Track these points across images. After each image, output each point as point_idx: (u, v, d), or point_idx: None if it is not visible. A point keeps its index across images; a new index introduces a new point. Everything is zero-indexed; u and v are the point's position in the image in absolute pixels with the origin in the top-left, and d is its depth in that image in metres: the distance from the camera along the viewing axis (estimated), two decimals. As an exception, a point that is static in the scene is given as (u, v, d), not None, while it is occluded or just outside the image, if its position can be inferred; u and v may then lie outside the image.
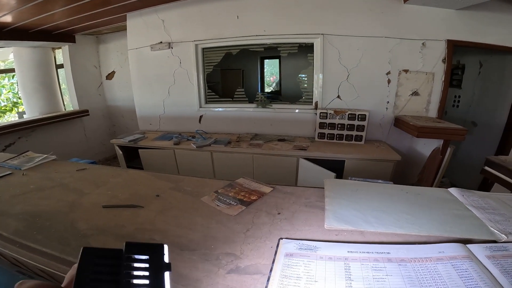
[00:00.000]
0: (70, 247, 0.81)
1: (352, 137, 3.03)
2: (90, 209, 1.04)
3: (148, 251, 0.35)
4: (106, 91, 4.89)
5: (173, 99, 3.76)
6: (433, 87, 2.93)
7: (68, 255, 0.77)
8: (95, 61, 4.70)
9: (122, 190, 1.18)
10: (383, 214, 0.85)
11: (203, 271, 0.69)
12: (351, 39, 2.98)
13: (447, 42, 2.80)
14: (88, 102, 4.54)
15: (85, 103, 4.49)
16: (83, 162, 1.86)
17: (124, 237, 0.84)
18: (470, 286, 0.55)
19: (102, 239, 0.85)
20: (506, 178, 1.42)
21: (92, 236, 0.87)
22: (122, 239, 0.84)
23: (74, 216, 0.98)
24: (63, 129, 4.22)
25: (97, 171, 1.46)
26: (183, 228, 0.88)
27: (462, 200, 0.95)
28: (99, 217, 0.98)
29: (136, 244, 0.35)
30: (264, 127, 3.52)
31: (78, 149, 4.43)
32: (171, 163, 3.23)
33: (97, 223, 0.94)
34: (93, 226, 0.92)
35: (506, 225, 0.78)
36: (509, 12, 2.66)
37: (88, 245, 0.82)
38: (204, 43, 3.48)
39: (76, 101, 4.42)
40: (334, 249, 0.72)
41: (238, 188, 1.15)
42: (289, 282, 0.62)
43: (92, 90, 4.69)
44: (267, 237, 0.82)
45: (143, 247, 0.35)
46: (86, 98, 4.51)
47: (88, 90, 4.57)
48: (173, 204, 1.05)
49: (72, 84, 4.33)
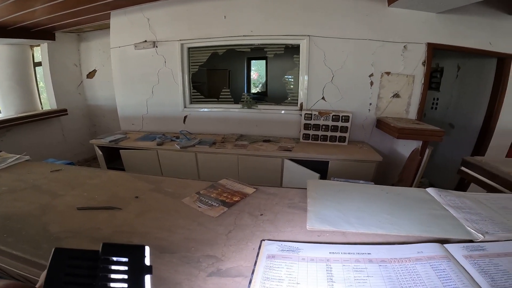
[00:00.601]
0: (42, 250, 0.77)
1: (336, 138, 3.07)
2: (63, 211, 0.99)
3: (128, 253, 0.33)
4: (87, 90, 4.73)
5: (157, 99, 3.68)
6: (413, 89, 3.01)
7: (40, 258, 0.73)
8: (75, 59, 4.54)
9: (99, 192, 1.13)
10: (364, 215, 0.86)
11: (183, 274, 0.67)
12: (337, 41, 3.02)
13: (427, 45, 2.88)
14: (67, 101, 4.37)
15: (64, 102, 4.32)
16: (58, 163, 1.78)
17: (100, 240, 0.80)
18: (447, 286, 0.56)
19: (76, 242, 0.81)
20: (482, 178, 1.47)
21: (65, 239, 0.83)
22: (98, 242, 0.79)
23: (47, 219, 0.93)
24: (40, 129, 4.05)
25: (73, 172, 1.40)
26: (163, 230, 0.86)
27: (439, 200, 0.97)
28: (73, 220, 0.93)
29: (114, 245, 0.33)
30: (249, 128, 3.51)
31: (56, 149, 4.26)
32: (154, 164, 3.15)
33: (71, 225, 0.90)
34: (66, 229, 0.87)
35: (483, 225, 0.80)
36: (487, 15, 2.76)
37: (61, 248, 0.79)
38: (190, 43, 3.43)
39: (54, 100, 4.25)
40: (316, 250, 0.71)
41: (220, 189, 1.13)
42: (271, 285, 0.61)
43: (72, 89, 4.52)
44: (249, 238, 0.81)
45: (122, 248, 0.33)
46: (64, 97, 4.34)
47: (67, 89, 4.41)
48: (153, 205, 1.02)
49: (50, 83, 4.17)
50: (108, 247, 0.33)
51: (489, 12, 2.76)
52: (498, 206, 0.94)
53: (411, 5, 2.70)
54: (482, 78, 3.30)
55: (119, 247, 0.33)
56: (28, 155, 1.63)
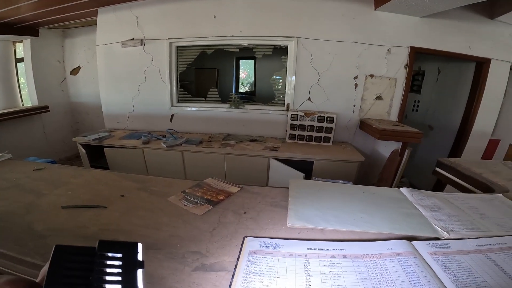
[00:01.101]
0: (27, 247, 0.77)
1: (320, 138, 3.15)
2: (48, 210, 0.99)
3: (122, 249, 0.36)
4: (70, 86, 4.64)
5: (143, 97, 3.65)
6: (395, 92, 3.12)
7: (26, 255, 0.74)
8: (59, 56, 4.44)
9: (84, 191, 1.14)
10: (341, 213, 0.91)
11: (168, 269, 0.70)
12: (324, 43, 3.09)
13: (410, 48, 2.99)
14: (49, 98, 4.27)
15: (46, 99, 4.21)
16: (41, 162, 1.75)
17: (86, 238, 0.82)
18: (413, 281, 0.61)
19: (61, 240, 0.82)
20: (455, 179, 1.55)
21: (50, 237, 0.83)
22: (83, 240, 0.82)
23: (31, 218, 0.93)
24: (20, 126, 3.93)
25: (56, 171, 1.39)
26: (148, 228, 0.88)
27: (411, 199, 1.03)
28: (58, 218, 0.94)
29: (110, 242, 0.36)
30: (236, 128, 3.54)
31: (37, 147, 4.15)
32: (140, 163, 3.13)
33: (56, 224, 0.90)
34: (51, 227, 0.88)
35: (449, 223, 0.86)
36: (468, 20, 2.88)
37: (46, 245, 0.80)
38: (179, 41, 3.43)
39: (35, 97, 4.13)
40: (295, 246, 0.76)
41: (206, 188, 1.16)
42: (252, 278, 0.64)
43: (54, 86, 4.42)
44: (233, 235, 0.84)
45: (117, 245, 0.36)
46: (46, 94, 4.24)
47: (49, 86, 4.31)
48: (138, 204, 1.03)
49: (32, 79, 4.06)
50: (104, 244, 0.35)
51: (470, 16, 2.87)
52: (465, 206, 1.01)
53: (397, 9, 2.79)
54: (460, 81, 3.44)
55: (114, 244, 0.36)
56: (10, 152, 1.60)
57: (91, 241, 0.33)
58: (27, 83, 4.14)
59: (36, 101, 4.15)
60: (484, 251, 0.74)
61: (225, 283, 0.65)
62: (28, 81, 4.12)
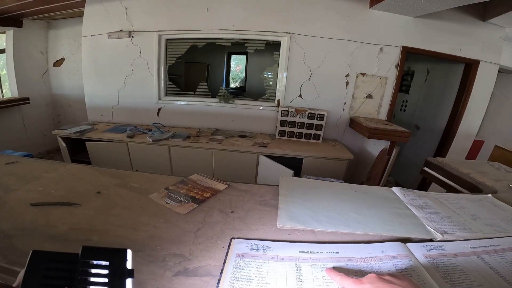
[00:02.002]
0: (-9, 247, 0.69)
1: (310, 135, 3.13)
2: (15, 207, 0.91)
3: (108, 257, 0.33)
4: (52, 78, 4.48)
5: (130, 89, 3.53)
6: (385, 91, 3.13)
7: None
8: (42, 47, 4.28)
9: (57, 187, 1.05)
10: (333, 213, 0.87)
11: (147, 274, 0.64)
12: (317, 40, 3.07)
13: (402, 48, 3.00)
14: (30, 89, 4.11)
15: (26, 90, 4.05)
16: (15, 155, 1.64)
17: (55, 238, 0.75)
18: None
19: (29, 240, 0.74)
20: (442, 178, 1.56)
21: (16, 236, 0.75)
22: (52, 240, 0.74)
23: (-4, 216, 0.85)
24: None
25: (29, 165, 1.29)
26: (126, 228, 0.81)
27: (403, 199, 1.01)
28: (26, 217, 0.85)
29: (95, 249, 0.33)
30: (226, 123, 3.48)
31: (15, 140, 3.99)
32: (124, 158, 3.02)
33: (23, 223, 0.82)
34: (18, 226, 0.80)
35: (442, 224, 0.84)
36: (460, 21, 2.90)
37: (11, 246, 0.72)
38: (169, 34, 3.33)
39: (15, 88, 3.97)
40: (286, 249, 0.71)
41: (191, 184, 1.10)
42: (240, 284, 0.59)
43: (36, 77, 4.26)
44: (219, 236, 0.79)
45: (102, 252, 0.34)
46: (27, 86, 4.08)
47: (30, 77, 4.15)
48: (116, 201, 0.96)
49: (13, 70, 3.90)
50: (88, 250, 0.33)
51: (462, 18, 2.90)
52: (456, 206, 1.00)
53: (392, 8, 2.78)
54: (448, 82, 3.49)
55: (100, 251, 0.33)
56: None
57: (60, 242, 0.28)
58: (8, 74, 3.99)
59: (16, 93, 3.99)
60: (478, 253, 0.72)
61: (210, 289, 0.60)
62: (9, 73, 3.97)
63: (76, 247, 0.71)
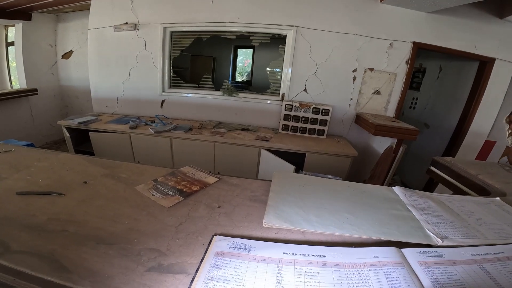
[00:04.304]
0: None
1: (314, 131, 3.06)
2: (2, 196, 0.89)
3: None
4: (61, 70, 4.53)
5: (134, 81, 3.52)
6: (394, 87, 3.02)
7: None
8: (51, 40, 4.33)
9: (45, 176, 1.03)
10: (325, 213, 0.81)
11: (118, 268, 0.60)
12: (324, 34, 2.97)
13: (413, 44, 2.88)
14: (38, 81, 4.17)
15: (35, 82, 4.11)
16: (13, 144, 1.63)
17: (32, 228, 0.72)
18: None
19: (7, 230, 0.72)
20: (449, 179, 1.48)
21: (-5, 226, 0.73)
22: (29, 230, 0.71)
23: (-20, 204, 0.83)
24: (6, 108, 3.82)
25: (23, 154, 1.27)
26: (105, 220, 0.78)
27: (404, 200, 0.94)
28: (9, 206, 0.83)
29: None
30: (229, 116, 3.43)
31: (23, 130, 4.06)
32: (127, 149, 3.01)
33: (6, 212, 0.80)
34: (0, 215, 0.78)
35: (443, 228, 0.77)
36: (476, 18, 2.77)
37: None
38: (174, 27, 3.29)
39: (24, 80, 4.03)
40: (270, 249, 0.66)
41: (180, 177, 1.05)
42: (214, 285, 0.55)
43: (44, 69, 4.32)
44: (201, 232, 0.74)
45: None
46: (36, 77, 4.14)
47: (39, 69, 4.21)
48: (101, 192, 0.93)
49: (22, 62, 3.96)
50: None
51: (478, 14, 2.77)
52: (461, 209, 0.93)
53: (404, 3, 2.67)
54: (461, 80, 3.35)
55: None
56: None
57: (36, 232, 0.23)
58: (17, 66, 4.06)
59: (24, 84, 4.05)
60: (479, 262, 0.65)
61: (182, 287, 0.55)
62: (17, 65, 4.04)
63: (51, 238, 0.69)
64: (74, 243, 0.67)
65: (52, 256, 0.62)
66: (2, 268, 0.58)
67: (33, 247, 0.65)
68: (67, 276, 0.57)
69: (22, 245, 0.66)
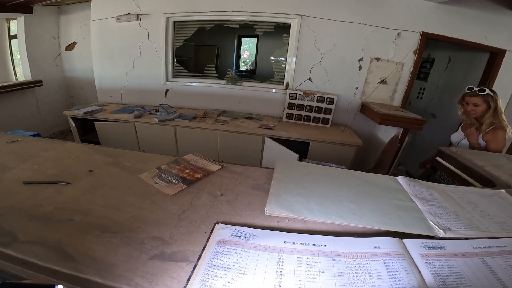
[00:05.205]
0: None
1: (319, 119, 3.04)
2: (9, 186, 0.90)
3: None
4: (65, 62, 4.55)
5: (138, 71, 3.52)
6: (401, 77, 2.98)
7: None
8: (54, 32, 4.34)
9: (51, 165, 1.04)
10: (327, 202, 0.81)
11: (122, 256, 0.61)
12: (329, 23, 2.92)
13: (422, 34, 2.82)
14: (43, 73, 4.20)
15: (39, 74, 4.14)
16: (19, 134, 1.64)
17: (39, 218, 0.73)
18: None
19: (14, 220, 0.73)
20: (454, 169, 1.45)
21: (3, 215, 0.74)
22: (36, 220, 0.72)
23: (-11, 194, 0.84)
24: (12, 100, 3.87)
25: (29, 144, 1.28)
26: (109, 208, 0.78)
27: (408, 190, 0.93)
28: (16, 196, 0.84)
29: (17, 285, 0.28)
30: (232, 104, 3.42)
31: (30, 121, 4.13)
32: (131, 138, 3.04)
33: (13, 202, 0.81)
34: (7, 205, 0.79)
35: (446, 220, 0.77)
36: (486, 9, 2.70)
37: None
38: (176, 16, 3.25)
39: (28, 72, 4.07)
40: (271, 238, 0.67)
41: (183, 165, 1.06)
42: (215, 273, 0.56)
43: (48, 61, 4.35)
44: (203, 220, 0.75)
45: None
46: (40, 69, 4.17)
47: (43, 61, 4.24)
48: (105, 181, 0.93)
49: (26, 55, 3.99)
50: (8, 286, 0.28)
51: (489, 5, 2.69)
52: (465, 201, 0.92)
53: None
54: (470, 71, 3.29)
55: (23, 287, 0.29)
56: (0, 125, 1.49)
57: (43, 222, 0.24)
58: (21, 59, 4.08)
59: (29, 76, 4.08)
60: (480, 255, 0.64)
61: (184, 275, 0.56)
62: (21, 57, 4.07)
63: (58, 227, 0.70)
64: (80, 232, 0.68)
65: (58, 245, 0.63)
66: (10, 258, 0.59)
67: (40, 237, 0.66)
68: (72, 265, 0.58)
69: (29, 235, 0.66)
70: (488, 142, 1.78)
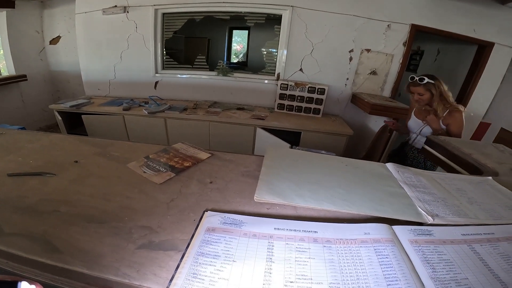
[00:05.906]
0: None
1: (310, 109, 3.04)
2: (-7, 178, 0.87)
3: None
4: (50, 56, 4.42)
5: (126, 64, 3.44)
6: (391, 68, 3.00)
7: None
8: (37, 26, 4.20)
9: (36, 157, 1.00)
10: (318, 188, 0.81)
11: (109, 246, 0.60)
12: (320, 14, 2.91)
13: (411, 26, 2.84)
14: (27, 67, 4.09)
15: (24, 68, 4.03)
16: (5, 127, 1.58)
17: (23, 210, 0.71)
18: (387, 275, 0.52)
19: None
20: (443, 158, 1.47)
21: (-13, 208, 0.72)
22: (21, 212, 0.70)
23: (-29, 187, 0.81)
24: None
25: (14, 136, 1.23)
26: (97, 198, 0.76)
27: (397, 176, 0.94)
28: (1, 188, 0.81)
29: None
30: (224, 96, 3.39)
31: (15, 116, 4.02)
32: (121, 130, 2.98)
33: (-3, 194, 0.78)
34: (-9, 198, 0.76)
35: (434, 206, 0.77)
36: (477, 2, 2.72)
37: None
38: (165, 8, 3.17)
39: (12, 67, 3.95)
40: (261, 225, 0.66)
41: (172, 153, 1.04)
42: (204, 261, 0.55)
43: (32, 55, 4.23)
44: (192, 208, 0.74)
45: None
46: (24, 63, 4.06)
47: (27, 55, 4.12)
48: (92, 171, 0.91)
49: (9, 50, 3.87)
50: None
51: None
52: (453, 188, 0.93)
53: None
54: (459, 63, 3.34)
55: None
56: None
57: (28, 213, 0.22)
58: (4, 54, 3.97)
59: (13, 71, 3.97)
60: (469, 242, 0.65)
61: (172, 264, 0.55)
62: (5, 52, 3.96)
63: (43, 219, 0.68)
64: (66, 223, 0.66)
65: (43, 237, 0.62)
66: (-5, 251, 0.57)
67: (25, 229, 0.64)
68: (58, 256, 0.57)
69: (14, 228, 0.64)
70: (448, 125, 1.81)
